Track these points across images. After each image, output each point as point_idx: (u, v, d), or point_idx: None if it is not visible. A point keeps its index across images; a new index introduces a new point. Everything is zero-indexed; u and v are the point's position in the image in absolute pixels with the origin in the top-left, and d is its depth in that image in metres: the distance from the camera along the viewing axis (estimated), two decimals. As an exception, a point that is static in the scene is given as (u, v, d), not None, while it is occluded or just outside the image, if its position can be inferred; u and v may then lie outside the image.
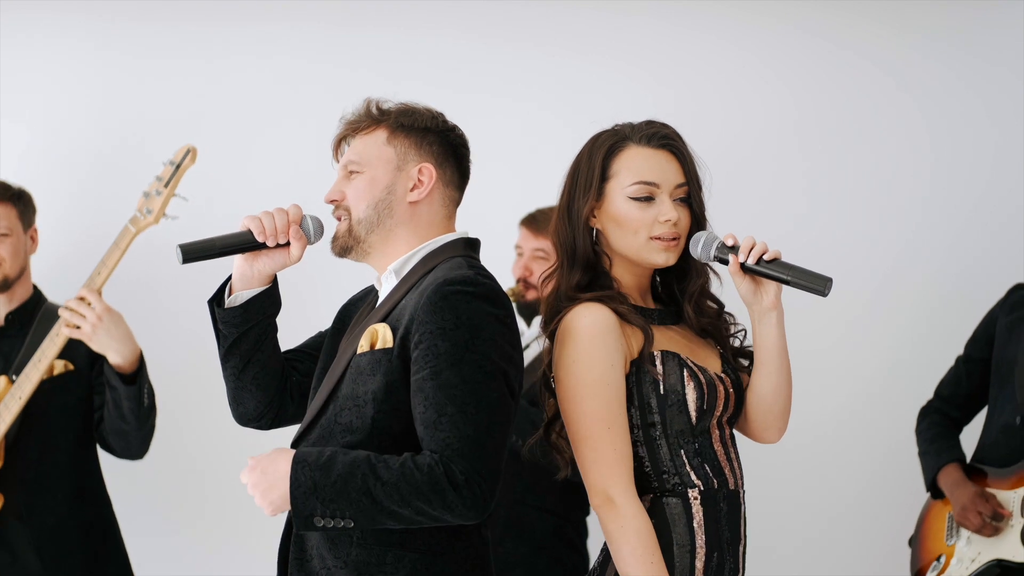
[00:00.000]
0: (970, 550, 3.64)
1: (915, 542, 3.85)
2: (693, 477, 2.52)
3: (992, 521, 3.59)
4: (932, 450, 3.80)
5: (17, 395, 3.52)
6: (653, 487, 2.52)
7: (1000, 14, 4.28)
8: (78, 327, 3.46)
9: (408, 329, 2.39)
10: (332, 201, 2.57)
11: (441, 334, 2.34)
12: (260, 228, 2.53)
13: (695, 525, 2.50)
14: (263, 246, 2.54)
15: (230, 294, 2.60)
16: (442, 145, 2.56)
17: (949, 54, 4.31)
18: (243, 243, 2.54)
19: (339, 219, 2.57)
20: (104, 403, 3.62)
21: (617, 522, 2.45)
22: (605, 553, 2.55)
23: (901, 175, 4.31)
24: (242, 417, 2.66)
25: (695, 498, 2.51)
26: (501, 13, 4.34)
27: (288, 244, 2.56)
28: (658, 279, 2.68)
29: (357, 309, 2.67)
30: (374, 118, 2.56)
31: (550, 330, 2.57)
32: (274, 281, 2.61)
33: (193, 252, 2.52)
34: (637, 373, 2.51)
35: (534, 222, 3.86)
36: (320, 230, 2.59)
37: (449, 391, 2.33)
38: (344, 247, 2.56)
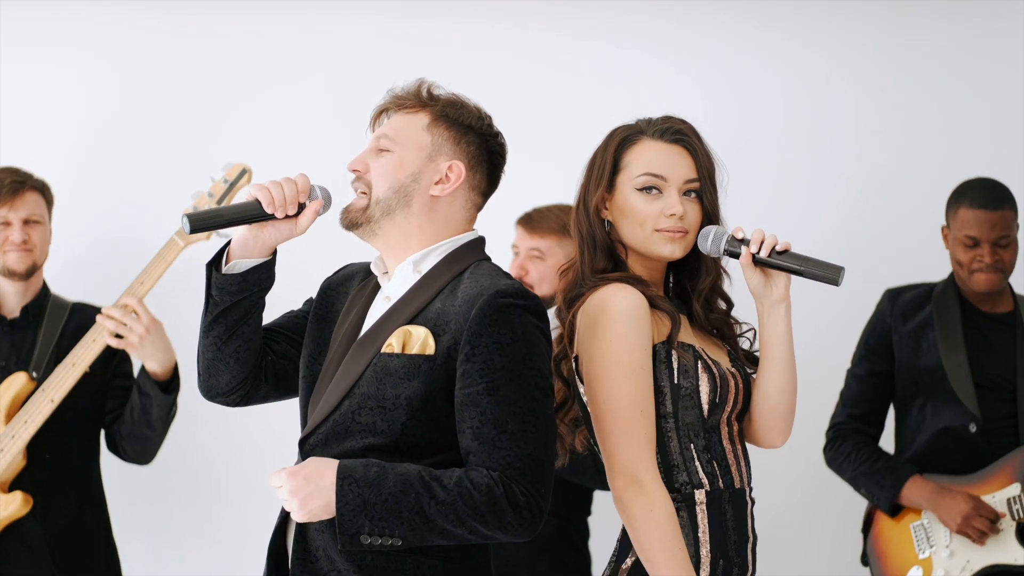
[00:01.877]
0: (957, 559, 3.62)
1: (872, 559, 3.80)
2: (701, 474, 2.49)
3: (993, 525, 3.58)
4: (880, 468, 3.74)
5: (49, 397, 3.51)
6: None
7: (1000, 19, 4.34)
8: (120, 336, 3.49)
9: (456, 339, 2.33)
10: (355, 171, 2.48)
11: (498, 348, 2.29)
12: (269, 199, 2.43)
13: (700, 535, 2.48)
14: (271, 217, 2.45)
15: (227, 261, 2.48)
16: (480, 148, 2.48)
17: (949, 57, 4.37)
18: (251, 214, 2.45)
19: (357, 191, 2.47)
20: (122, 407, 3.65)
21: (646, 506, 2.41)
22: (622, 544, 2.51)
23: (900, 177, 4.35)
24: (211, 390, 2.54)
25: (701, 502, 2.49)
26: (501, 10, 4.34)
27: (296, 215, 2.46)
28: (670, 278, 2.67)
29: (340, 293, 2.57)
30: (421, 100, 2.48)
31: (572, 311, 2.54)
32: (273, 254, 2.50)
33: (200, 222, 2.45)
34: (654, 360, 2.49)
35: (530, 221, 3.83)
36: (329, 200, 2.50)
37: (509, 407, 2.28)
38: (354, 222, 2.47)
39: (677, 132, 2.57)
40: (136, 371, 3.69)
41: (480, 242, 2.50)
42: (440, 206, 2.46)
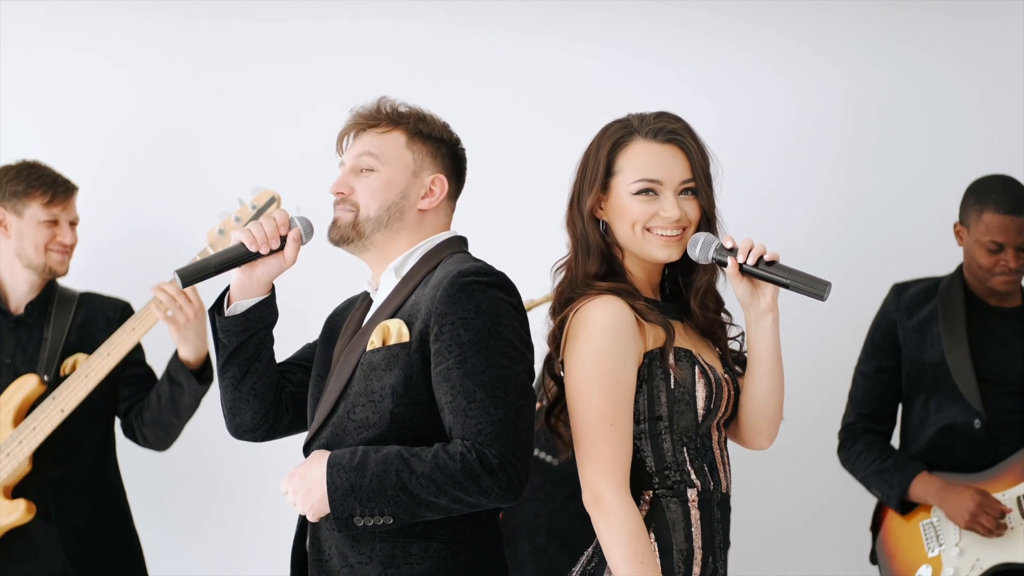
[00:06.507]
0: (966, 558, 3.59)
1: (882, 558, 3.75)
2: (693, 476, 2.50)
3: (1001, 521, 3.55)
4: (889, 467, 3.69)
5: (59, 407, 3.49)
6: (653, 484, 2.50)
7: (998, 19, 4.32)
8: (169, 313, 3.46)
9: (426, 323, 2.42)
10: (339, 194, 2.57)
11: (463, 324, 2.38)
12: (251, 238, 2.54)
13: (693, 531, 2.49)
14: (257, 256, 2.56)
15: (228, 304, 2.59)
16: (451, 158, 2.60)
17: (947, 57, 4.36)
18: (237, 257, 2.56)
19: (344, 212, 2.56)
20: (139, 394, 3.62)
21: (608, 521, 2.43)
22: (598, 554, 2.54)
23: (901, 178, 4.34)
24: (237, 429, 2.66)
25: (693, 500, 2.50)
26: (500, 10, 4.33)
27: (281, 249, 2.56)
28: (666, 272, 2.66)
29: (343, 318, 2.67)
30: (392, 119, 2.57)
31: (561, 317, 2.54)
32: (272, 291, 2.61)
33: (191, 275, 2.56)
34: (649, 366, 2.50)
35: None
36: (310, 230, 2.60)
37: (477, 377, 2.36)
38: (343, 237, 2.57)
39: (671, 132, 2.55)
40: (144, 358, 3.69)
41: (456, 240, 2.60)
42: (427, 218, 2.58)
